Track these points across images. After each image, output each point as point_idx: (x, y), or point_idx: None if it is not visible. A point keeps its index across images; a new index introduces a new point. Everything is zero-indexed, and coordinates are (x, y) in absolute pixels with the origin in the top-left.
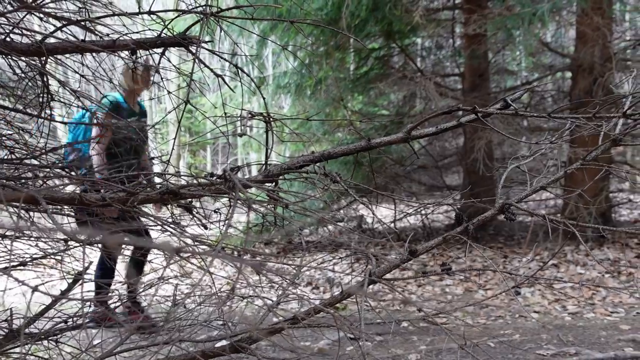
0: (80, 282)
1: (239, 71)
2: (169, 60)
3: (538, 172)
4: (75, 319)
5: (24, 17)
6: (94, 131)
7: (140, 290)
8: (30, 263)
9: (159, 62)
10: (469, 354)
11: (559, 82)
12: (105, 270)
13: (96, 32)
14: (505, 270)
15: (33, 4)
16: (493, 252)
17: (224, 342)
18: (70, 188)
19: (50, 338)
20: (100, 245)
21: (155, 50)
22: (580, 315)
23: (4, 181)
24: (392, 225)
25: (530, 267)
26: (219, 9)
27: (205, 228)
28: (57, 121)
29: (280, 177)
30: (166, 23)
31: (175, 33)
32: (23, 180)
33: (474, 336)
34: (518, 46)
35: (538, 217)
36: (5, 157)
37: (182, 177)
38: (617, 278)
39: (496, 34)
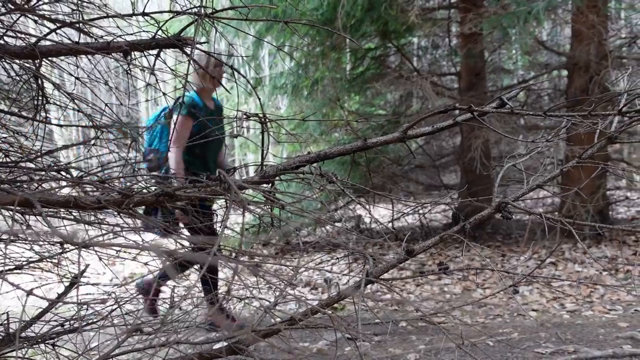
0: (76, 285)
1: (235, 72)
2: (164, 62)
3: (535, 170)
4: (71, 322)
5: (18, 19)
6: (175, 135)
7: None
8: (26, 266)
9: (154, 64)
10: (468, 353)
11: (555, 81)
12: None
13: (90, 34)
14: (503, 269)
15: (26, 7)
16: (491, 251)
17: (221, 344)
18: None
19: (47, 342)
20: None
21: (150, 51)
22: (578, 313)
23: None
24: (390, 225)
25: (528, 266)
26: (213, 10)
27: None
28: (52, 124)
29: (277, 178)
30: (161, 24)
31: (170, 34)
32: (18, 184)
33: (472, 335)
34: (514, 45)
35: (535, 215)
36: (0, 160)
37: (177, 178)
38: (614, 276)
39: (492, 33)
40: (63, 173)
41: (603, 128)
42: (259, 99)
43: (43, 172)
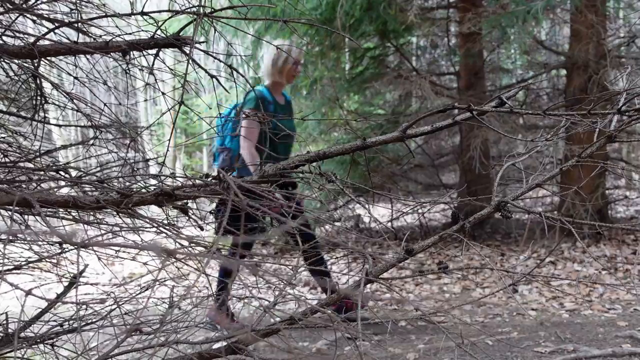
0: (75, 285)
1: (234, 72)
2: (163, 62)
3: (534, 169)
4: (71, 322)
5: (16, 19)
6: (243, 131)
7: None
8: (25, 267)
9: (153, 63)
10: (467, 353)
11: (554, 80)
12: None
13: (89, 34)
14: (502, 268)
15: (25, 6)
16: (490, 250)
17: (220, 344)
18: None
19: (46, 342)
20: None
21: (149, 51)
22: (577, 312)
23: None
24: (389, 224)
25: (527, 265)
26: (212, 9)
27: (201, 229)
28: (51, 124)
29: (276, 178)
30: (160, 24)
31: (169, 34)
32: (17, 184)
33: (472, 334)
34: (513, 44)
35: (534, 214)
36: None
37: (177, 178)
38: (614, 275)
39: (491, 33)
40: (62, 173)
41: (602, 127)
42: (258, 99)
43: (42, 172)
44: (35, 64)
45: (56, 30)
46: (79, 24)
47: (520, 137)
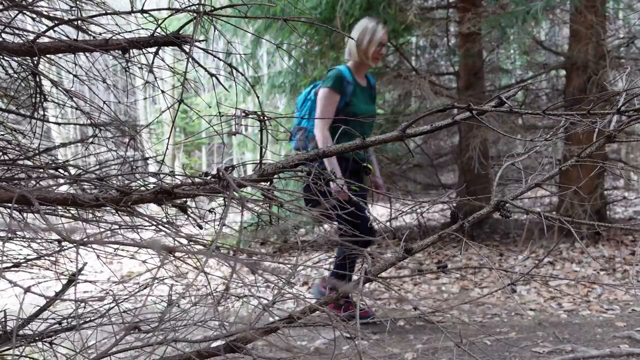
0: (74, 283)
1: (234, 70)
2: (163, 60)
3: (533, 169)
4: (69, 320)
5: (16, 16)
6: (318, 110)
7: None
8: (24, 264)
9: (153, 62)
10: (466, 352)
11: (553, 80)
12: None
13: (89, 32)
14: (501, 268)
15: (24, 3)
16: (489, 250)
17: (219, 342)
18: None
19: (44, 340)
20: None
21: (148, 49)
22: (575, 313)
23: None
24: (388, 224)
25: (525, 265)
26: (212, 8)
27: (200, 228)
28: (50, 122)
29: (275, 176)
30: (159, 22)
31: (168, 32)
32: (16, 181)
33: (470, 334)
34: (512, 44)
35: (533, 214)
36: None
37: (176, 176)
38: (612, 275)
39: (490, 33)
40: (61, 171)
41: (601, 127)
42: (258, 98)
43: (41, 170)
44: (35, 62)
45: (56, 28)
46: (79, 21)
47: (519, 137)
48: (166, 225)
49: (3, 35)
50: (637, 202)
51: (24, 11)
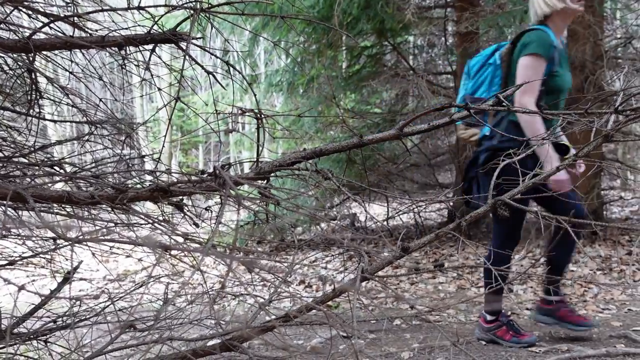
0: (69, 281)
1: (231, 68)
2: (160, 58)
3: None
4: (64, 318)
5: (11, 12)
6: (521, 80)
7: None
8: (19, 262)
9: (149, 59)
10: (462, 351)
11: None
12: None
13: (85, 29)
14: (497, 268)
15: None
16: (486, 249)
17: (215, 341)
18: (59, 186)
19: (39, 338)
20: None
21: (145, 46)
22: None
23: None
24: (385, 223)
25: (522, 264)
26: (210, 5)
27: (197, 226)
28: (46, 119)
29: (272, 174)
30: (156, 19)
31: (165, 29)
32: (11, 179)
33: (466, 333)
34: None
35: (530, 213)
36: None
37: (172, 174)
38: (608, 275)
39: (488, 32)
40: (57, 168)
41: (599, 127)
42: (255, 96)
43: (36, 167)
44: (31, 58)
45: (52, 25)
46: (75, 18)
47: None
48: (162, 223)
49: None
50: (633, 202)
51: (20, 7)
